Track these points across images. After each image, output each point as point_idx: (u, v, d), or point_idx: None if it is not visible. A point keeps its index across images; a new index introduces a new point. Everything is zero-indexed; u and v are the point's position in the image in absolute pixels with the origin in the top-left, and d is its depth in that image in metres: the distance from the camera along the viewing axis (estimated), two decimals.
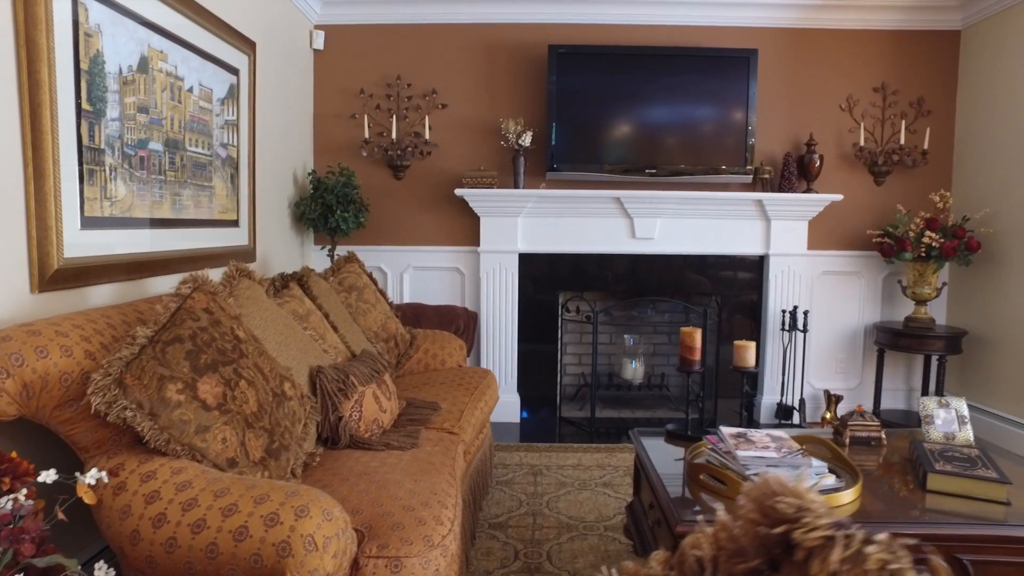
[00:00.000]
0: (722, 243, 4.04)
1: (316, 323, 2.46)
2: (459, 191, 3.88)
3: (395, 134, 3.99)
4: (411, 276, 4.15)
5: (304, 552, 1.24)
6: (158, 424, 1.44)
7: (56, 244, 1.81)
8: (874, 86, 4.08)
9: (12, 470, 1.20)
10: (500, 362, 4.06)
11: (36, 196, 1.74)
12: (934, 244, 3.66)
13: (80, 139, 1.90)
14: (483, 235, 4.01)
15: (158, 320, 1.59)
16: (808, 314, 3.97)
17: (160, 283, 2.36)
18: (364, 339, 2.82)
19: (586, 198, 3.92)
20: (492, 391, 2.99)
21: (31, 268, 1.74)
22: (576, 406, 4.33)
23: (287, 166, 3.71)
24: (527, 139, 3.83)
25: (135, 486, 1.37)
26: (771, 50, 4.03)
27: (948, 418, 2.18)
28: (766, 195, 3.90)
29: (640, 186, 3.98)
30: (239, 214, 3.03)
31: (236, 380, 1.66)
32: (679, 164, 3.92)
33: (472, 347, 3.93)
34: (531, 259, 4.06)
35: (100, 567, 1.21)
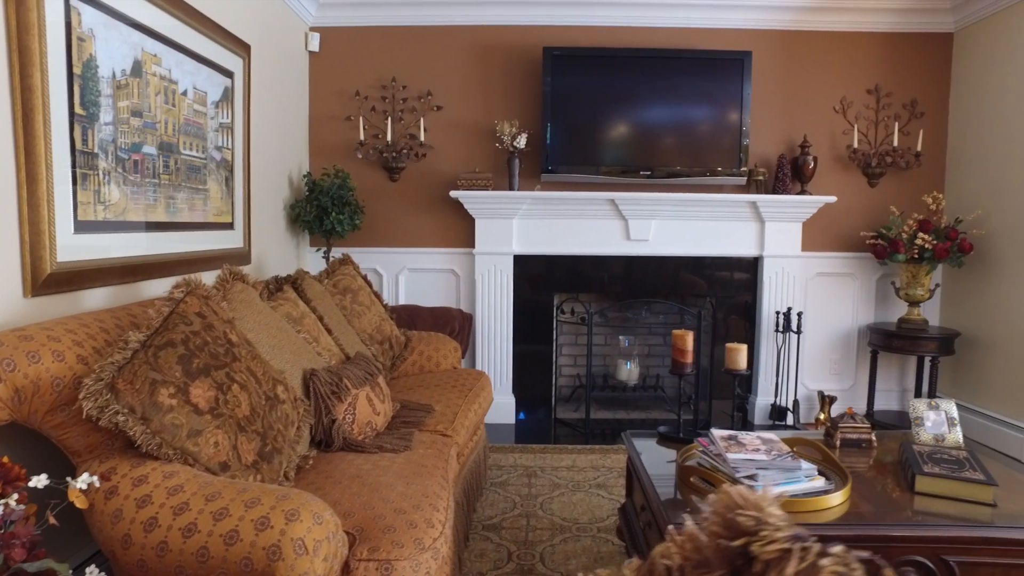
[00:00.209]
0: (716, 245, 4.06)
1: (310, 326, 2.47)
2: (454, 193, 3.89)
3: (390, 136, 4.00)
4: (406, 278, 4.16)
5: (294, 556, 1.25)
6: (150, 428, 1.44)
7: (49, 248, 1.82)
8: (868, 88, 4.10)
9: (3, 475, 1.21)
10: (495, 364, 4.07)
11: (29, 201, 1.74)
12: (927, 246, 3.67)
13: (73, 143, 1.91)
14: (478, 237, 4.02)
15: (151, 324, 1.60)
16: (802, 315, 3.98)
17: (155, 286, 2.36)
18: (358, 341, 2.83)
19: (581, 200, 3.93)
20: (486, 393, 3.00)
21: (24, 272, 1.75)
22: (571, 407, 4.34)
23: (282, 168, 3.71)
24: (522, 141, 3.84)
25: (127, 490, 1.37)
26: (765, 52, 4.04)
27: (938, 420, 2.19)
28: (760, 197, 3.92)
29: (635, 188, 3.99)
30: (234, 217, 3.04)
31: (229, 384, 1.67)
32: (674, 166, 3.93)
33: (467, 349, 3.94)
34: (526, 261, 4.07)
35: (92, 571, 1.22)
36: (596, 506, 2.82)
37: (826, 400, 3.99)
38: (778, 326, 4.01)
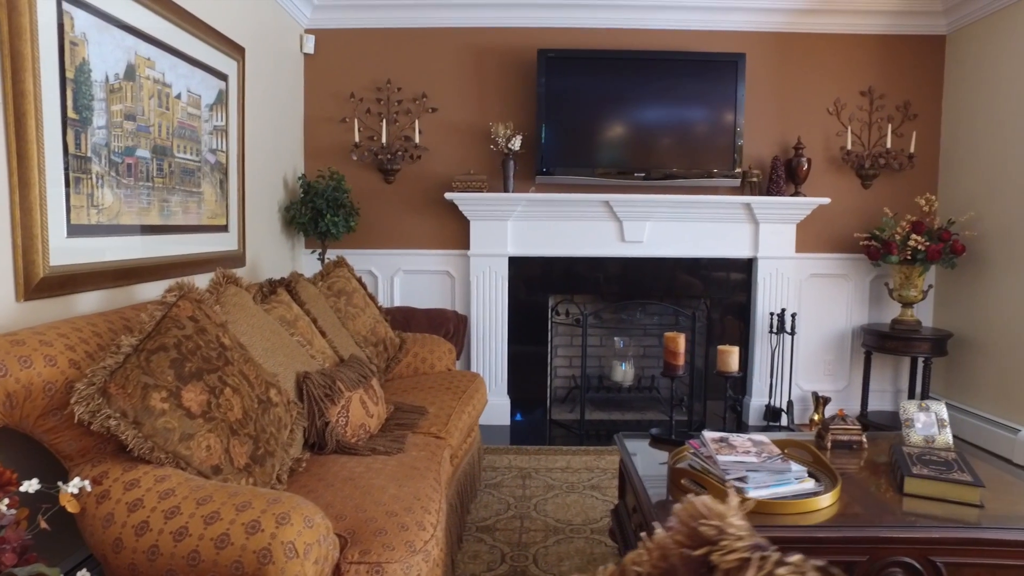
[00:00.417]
0: (711, 246, 4.07)
1: (304, 328, 2.48)
2: (449, 195, 3.90)
3: (385, 138, 4.01)
4: (401, 279, 4.17)
5: (285, 559, 1.25)
6: (142, 432, 1.45)
7: (42, 252, 1.82)
8: (861, 90, 4.12)
9: None
10: (490, 365, 4.08)
11: (21, 205, 1.75)
12: (920, 247, 3.69)
13: (66, 147, 1.91)
14: (473, 239, 4.03)
15: (143, 329, 1.60)
16: (796, 316, 4.00)
17: (149, 289, 2.37)
18: (353, 344, 2.84)
19: (575, 202, 3.94)
20: (480, 395, 3.00)
21: (16, 277, 1.75)
22: (566, 408, 4.35)
23: (277, 170, 3.72)
24: (516, 143, 3.85)
25: (118, 494, 1.38)
26: (759, 54, 4.06)
27: (928, 421, 2.21)
28: (754, 198, 3.93)
29: (629, 190, 4.01)
30: (228, 219, 3.04)
31: (221, 387, 1.68)
32: (668, 168, 3.95)
33: (462, 350, 3.95)
34: (521, 262, 4.08)
35: None
36: (590, 507, 2.83)
37: (820, 401, 4.00)
38: (772, 327, 4.02)
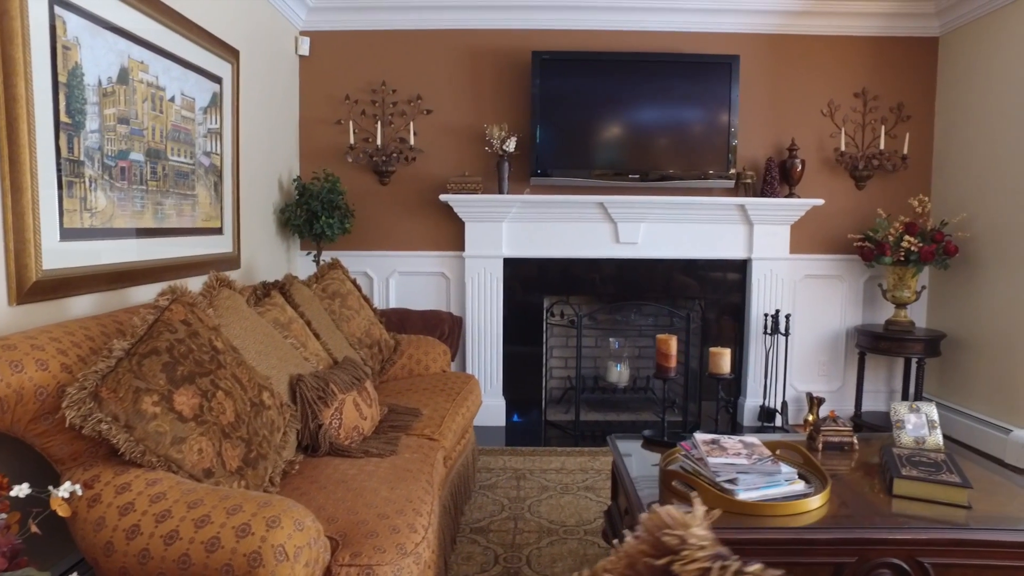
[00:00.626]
0: (705, 247, 4.08)
1: (298, 331, 2.48)
2: (444, 196, 3.91)
3: (380, 140, 4.02)
4: (397, 281, 4.18)
5: (275, 562, 1.26)
6: (133, 436, 1.46)
7: (34, 256, 1.82)
8: (855, 91, 4.13)
9: None
10: (485, 366, 4.09)
11: (13, 209, 1.75)
12: (913, 248, 3.71)
13: (59, 151, 1.92)
14: (468, 240, 4.03)
15: (135, 333, 1.61)
16: (790, 317, 4.01)
17: (143, 292, 2.37)
18: (347, 346, 2.84)
19: (570, 203, 3.95)
20: (475, 396, 3.01)
21: (8, 281, 1.76)
22: (562, 409, 4.36)
23: (272, 172, 3.72)
24: (511, 145, 3.86)
25: (110, 498, 1.39)
26: (753, 56, 4.07)
27: (918, 423, 2.23)
28: (748, 200, 3.95)
29: (624, 191, 4.01)
30: (223, 222, 3.05)
31: (213, 391, 1.68)
32: (662, 169, 3.96)
33: (457, 352, 3.96)
34: (516, 264, 4.09)
35: None
36: (584, 508, 2.84)
37: (814, 401, 4.01)
38: (766, 328, 4.03)
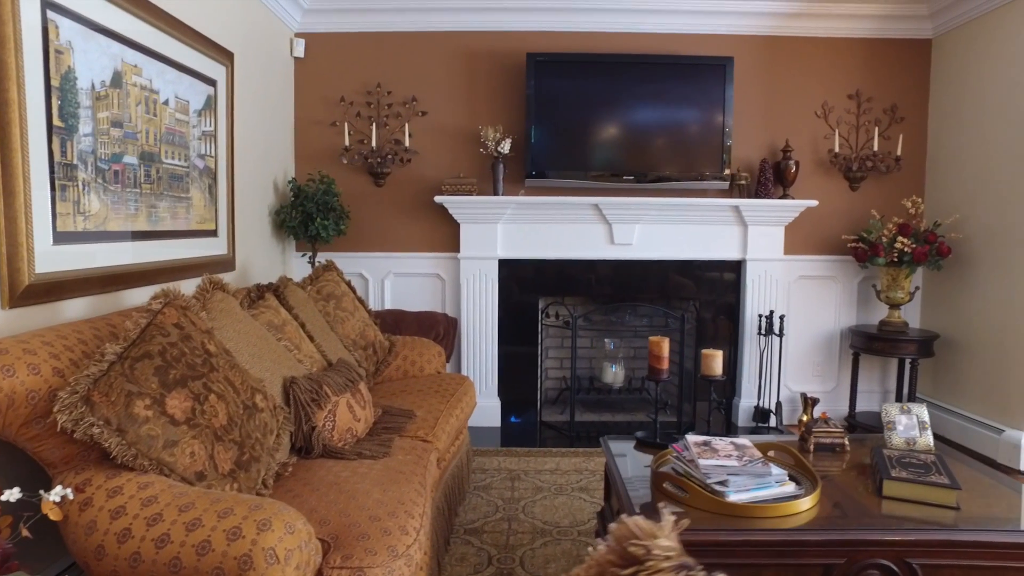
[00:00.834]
0: (700, 248, 4.09)
1: (292, 333, 2.49)
2: (439, 198, 3.91)
3: (375, 141, 4.02)
4: (392, 282, 4.18)
5: (265, 565, 1.27)
6: (125, 440, 1.46)
7: (27, 260, 1.83)
8: (848, 93, 4.15)
9: None
10: (480, 367, 4.10)
11: (6, 213, 1.76)
12: (906, 249, 3.72)
13: (51, 155, 1.92)
14: (463, 241, 4.04)
15: (127, 336, 1.61)
16: (784, 318, 4.02)
17: (137, 295, 2.38)
18: (341, 347, 2.85)
19: (565, 205, 3.96)
20: (469, 398, 3.02)
21: (1, 285, 1.76)
22: (557, 410, 4.37)
23: (267, 174, 3.73)
24: (506, 146, 3.87)
25: (101, 502, 1.39)
26: (747, 58, 4.08)
27: (909, 424, 2.23)
28: (743, 201, 3.96)
29: (618, 193, 4.02)
30: (217, 224, 3.05)
31: (206, 394, 1.69)
32: (657, 171, 3.97)
33: (452, 353, 3.97)
34: (511, 265, 4.10)
35: None
36: (577, 509, 2.85)
37: (809, 402, 4.01)
38: (761, 329, 4.05)
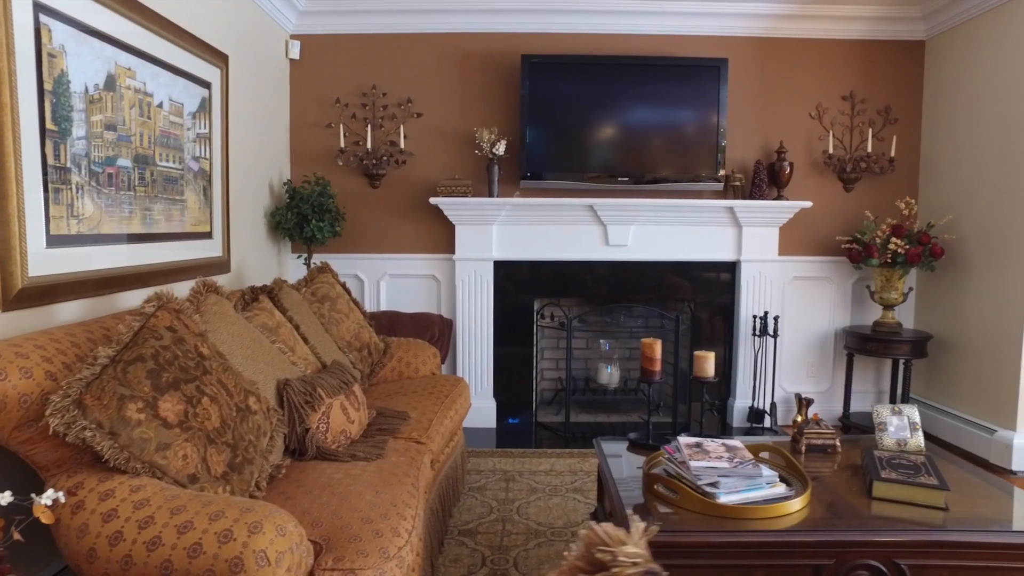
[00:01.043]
0: (694, 250, 4.11)
1: (286, 335, 2.50)
2: (434, 200, 3.92)
3: (370, 143, 4.03)
4: (387, 284, 4.19)
5: (256, 567, 1.28)
6: (118, 443, 1.47)
7: (20, 264, 1.83)
8: (842, 94, 4.16)
9: None
10: (476, 369, 4.11)
11: None
12: (900, 250, 3.74)
13: (45, 158, 1.93)
14: (458, 243, 4.05)
15: (120, 339, 1.62)
16: (779, 319, 4.04)
17: (131, 297, 2.38)
18: (336, 349, 2.85)
19: (560, 206, 3.97)
20: (464, 399, 3.03)
21: None
22: (553, 411, 4.38)
23: (263, 176, 3.73)
24: (501, 148, 3.88)
25: (93, 504, 1.40)
26: (741, 59, 4.10)
27: (900, 425, 2.25)
28: (737, 202, 3.97)
29: (613, 194, 4.03)
30: (212, 226, 3.05)
31: (198, 397, 1.69)
32: (652, 172, 3.98)
33: (447, 354, 3.97)
34: (506, 266, 4.10)
35: None
36: (572, 510, 2.86)
37: (803, 402, 4.03)
38: (755, 329, 4.06)
